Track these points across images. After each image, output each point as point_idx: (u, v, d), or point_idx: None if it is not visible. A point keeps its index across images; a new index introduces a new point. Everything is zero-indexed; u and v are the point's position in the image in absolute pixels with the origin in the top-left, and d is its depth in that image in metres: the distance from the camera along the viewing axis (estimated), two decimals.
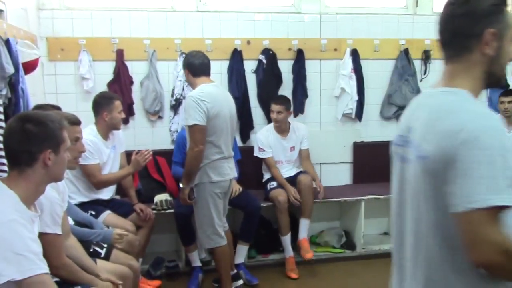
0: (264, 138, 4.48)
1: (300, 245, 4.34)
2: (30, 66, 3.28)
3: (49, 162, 1.81)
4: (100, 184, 3.66)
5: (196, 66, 3.46)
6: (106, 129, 3.75)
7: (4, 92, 2.75)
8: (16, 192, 1.76)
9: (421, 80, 5.07)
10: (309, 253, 4.29)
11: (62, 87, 4.40)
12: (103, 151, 3.71)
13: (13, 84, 2.88)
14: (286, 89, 4.78)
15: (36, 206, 1.91)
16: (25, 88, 3.03)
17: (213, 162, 3.43)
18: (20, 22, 3.63)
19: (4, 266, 1.61)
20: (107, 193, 3.81)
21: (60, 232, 2.26)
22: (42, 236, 2.04)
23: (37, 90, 4.07)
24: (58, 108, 3.05)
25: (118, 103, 3.74)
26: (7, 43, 2.87)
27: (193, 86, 3.48)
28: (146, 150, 3.66)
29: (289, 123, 4.54)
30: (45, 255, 1.86)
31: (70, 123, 2.51)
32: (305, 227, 4.37)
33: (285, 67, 4.80)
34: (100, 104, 3.72)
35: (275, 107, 4.40)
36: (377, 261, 4.58)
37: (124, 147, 3.99)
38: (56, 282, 2.36)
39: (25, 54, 3.19)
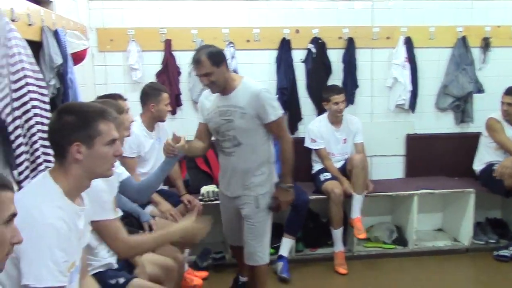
0: (316, 129, 4.38)
1: (353, 224, 4.20)
2: (78, 57, 3.30)
3: (78, 155, 1.71)
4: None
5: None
6: (152, 120, 3.74)
7: (52, 82, 2.76)
8: (60, 185, 1.72)
9: (479, 69, 4.81)
10: (362, 233, 4.16)
11: (111, 78, 4.44)
12: (146, 142, 3.69)
13: (61, 74, 2.90)
14: (335, 79, 4.65)
15: (82, 199, 1.86)
16: (73, 78, 3.04)
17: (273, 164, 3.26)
18: (70, 13, 3.66)
19: (26, 269, 1.57)
20: None
21: (111, 217, 2.18)
22: (94, 223, 2.05)
23: (87, 81, 4.12)
24: (120, 97, 3.09)
25: (165, 96, 3.73)
26: (55, 33, 2.89)
27: (227, 82, 2.98)
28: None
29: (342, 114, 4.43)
30: (103, 241, 2.18)
31: (121, 112, 2.44)
32: (358, 204, 4.19)
33: (335, 56, 4.65)
34: (148, 95, 3.72)
35: (338, 97, 4.27)
36: (430, 258, 4.43)
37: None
38: (98, 273, 2.38)
39: (73, 45, 3.21)
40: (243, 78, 3.08)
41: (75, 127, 1.70)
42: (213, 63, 2.88)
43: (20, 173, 2.20)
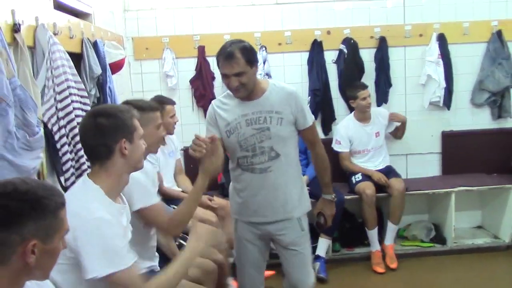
0: (343, 129, 4.40)
1: (385, 251, 4.23)
2: (116, 66, 3.43)
3: (125, 151, 1.84)
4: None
5: None
6: None
7: (93, 92, 2.90)
8: (101, 186, 1.83)
9: None
10: (394, 263, 4.16)
11: (148, 85, 4.56)
12: (160, 156, 3.61)
13: (101, 84, 3.03)
14: (368, 79, 4.64)
15: (122, 198, 1.98)
16: (112, 87, 3.17)
17: None
18: (107, 24, 3.81)
19: (89, 263, 1.68)
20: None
21: (155, 201, 2.28)
22: (142, 212, 2.20)
23: (125, 89, 4.26)
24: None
25: (169, 108, 3.65)
26: (94, 45, 3.02)
27: (256, 85, 2.54)
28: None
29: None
30: (154, 225, 2.30)
31: (151, 109, 2.49)
32: (392, 232, 4.26)
33: (367, 55, 4.66)
34: None
35: (364, 92, 4.30)
36: (469, 256, 4.37)
37: (179, 153, 3.99)
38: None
39: (112, 55, 3.34)
40: (269, 80, 2.77)
41: (118, 126, 1.84)
42: (247, 61, 2.41)
43: (66, 180, 2.32)
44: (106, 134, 1.82)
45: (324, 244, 4.12)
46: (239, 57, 2.39)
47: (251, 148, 2.53)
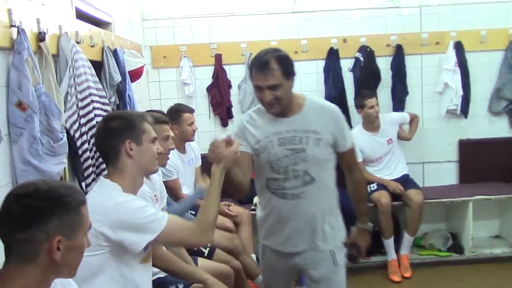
0: (354, 139, 4.35)
1: (400, 261, 4.20)
2: (135, 74, 3.48)
3: (131, 152, 1.87)
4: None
5: None
6: (179, 142, 3.66)
7: (113, 99, 2.94)
8: (118, 183, 1.87)
9: None
10: (408, 273, 4.14)
11: (165, 93, 4.61)
12: (179, 164, 3.65)
13: (120, 91, 3.07)
14: (384, 87, 4.65)
15: None
16: (131, 95, 3.22)
17: None
18: (126, 33, 3.86)
19: (135, 236, 1.76)
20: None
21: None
22: (154, 242, 2.13)
23: (143, 97, 4.31)
24: (162, 113, 3.19)
25: (187, 116, 3.66)
26: (114, 53, 3.07)
27: (291, 100, 2.28)
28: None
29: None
30: (179, 244, 2.30)
31: (158, 122, 2.56)
32: (408, 243, 4.24)
33: (384, 63, 4.66)
34: (169, 118, 3.75)
35: (372, 101, 4.27)
36: (488, 265, 4.32)
37: (200, 161, 4.00)
38: (158, 279, 2.50)
39: (131, 63, 3.39)
40: (306, 95, 2.39)
41: (125, 128, 1.89)
42: (284, 73, 2.17)
43: (87, 185, 2.35)
44: (113, 136, 1.88)
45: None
46: (275, 68, 2.14)
47: (283, 171, 2.24)
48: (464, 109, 4.68)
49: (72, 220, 1.29)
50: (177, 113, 3.69)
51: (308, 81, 4.61)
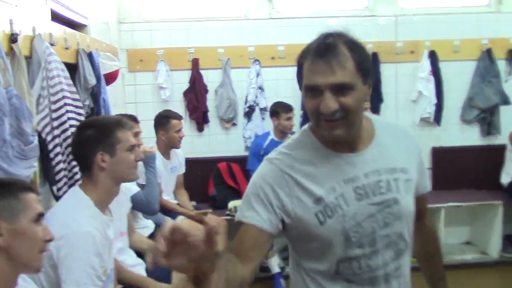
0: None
1: None
2: (111, 77, 3.44)
3: (103, 164, 1.84)
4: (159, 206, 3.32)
5: None
6: (165, 148, 3.74)
7: (87, 102, 2.90)
8: (90, 197, 1.84)
9: (505, 81, 4.79)
10: None
11: (141, 97, 4.59)
12: (163, 170, 3.67)
13: (95, 94, 3.04)
14: None
15: (110, 210, 1.98)
16: (106, 98, 3.18)
17: None
18: (102, 36, 3.82)
19: (66, 275, 1.70)
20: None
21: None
22: None
23: (118, 100, 4.27)
24: (134, 118, 3.16)
25: (175, 123, 3.71)
26: (90, 56, 3.03)
27: (361, 121, 1.41)
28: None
29: None
30: None
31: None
32: None
33: None
34: (157, 123, 3.77)
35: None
36: (458, 271, 4.34)
37: (183, 168, 4.02)
38: None
39: (106, 66, 3.35)
40: (367, 113, 1.50)
41: (96, 139, 1.85)
42: (359, 69, 1.31)
43: (59, 189, 2.31)
44: (86, 146, 1.85)
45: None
46: (347, 56, 1.30)
47: (367, 241, 1.36)
48: (437, 117, 4.76)
49: (10, 204, 1.30)
50: (165, 119, 3.72)
51: (284, 87, 4.63)
